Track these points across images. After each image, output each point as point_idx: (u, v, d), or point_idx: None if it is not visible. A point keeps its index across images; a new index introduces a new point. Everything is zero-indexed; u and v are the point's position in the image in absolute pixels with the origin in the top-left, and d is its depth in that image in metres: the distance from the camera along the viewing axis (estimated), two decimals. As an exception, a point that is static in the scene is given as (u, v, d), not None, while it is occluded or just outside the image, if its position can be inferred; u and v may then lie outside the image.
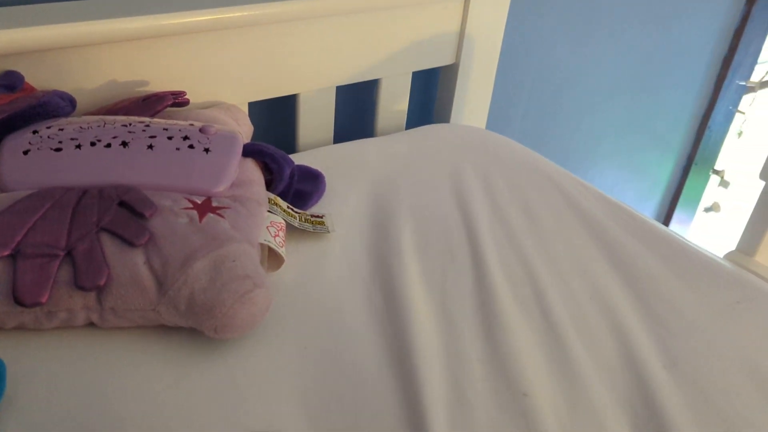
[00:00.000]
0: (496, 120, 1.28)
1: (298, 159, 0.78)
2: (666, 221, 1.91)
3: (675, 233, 0.79)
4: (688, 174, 1.81)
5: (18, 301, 0.49)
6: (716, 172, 1.85)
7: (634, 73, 1.47)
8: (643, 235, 0.77)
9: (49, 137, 0.60)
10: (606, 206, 0.83)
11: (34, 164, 0.58)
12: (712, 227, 2.03)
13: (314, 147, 0.94)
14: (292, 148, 0.96)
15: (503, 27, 1.03)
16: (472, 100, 1.07)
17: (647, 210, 1.83)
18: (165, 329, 0.55)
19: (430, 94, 1.13)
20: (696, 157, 1.78)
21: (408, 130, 1.01)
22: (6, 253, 0.50)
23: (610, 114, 1.50)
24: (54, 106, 0.64)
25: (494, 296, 0.64)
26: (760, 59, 1.69)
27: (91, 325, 0.54)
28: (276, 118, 0.97)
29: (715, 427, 0.53)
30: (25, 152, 0.59)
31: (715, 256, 0.75)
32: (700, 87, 1.66)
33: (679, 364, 0.58)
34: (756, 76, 1.73)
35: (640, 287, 0.68)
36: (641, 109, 1.56)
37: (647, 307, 0.65)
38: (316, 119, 0.93)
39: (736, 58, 1.62)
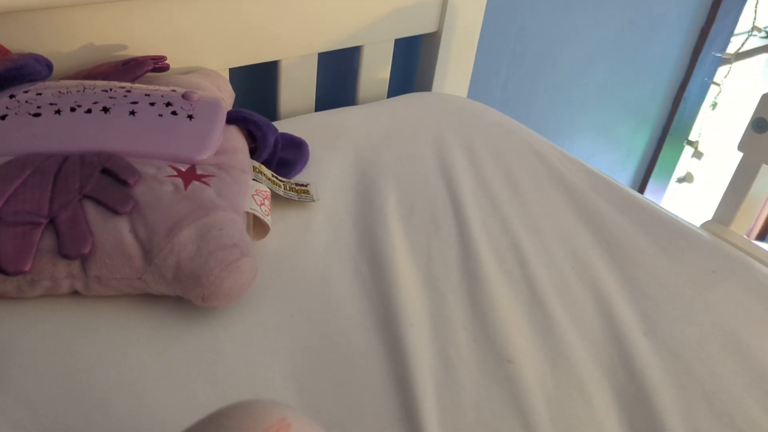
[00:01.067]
0: (477, 89, 1.28)
1: (279, 127, 0.77)
2: (640, 191, 1.93)
3: (653, 203, 0.80)
4: (663, 145, 1.83)
5: (0, 270, 0.48)
6: (690, 143, 1.88)
7: (612, 44, 1.48)
8: (622, 204, 0.78)
9: (26, 102, 0.59)
10: (586, 176, 0.84)
11: (12, 130, 0.57)
12: (683, 197, 2.07)
13: (295, 115, 0.93)
14: (273, 115, 0.94)
15: (486, -5, 1.02)
16: (454, 69, 1.07)
17: (622, 180, 1.86)
18: (151, 297, 0.55)
19: (412, 63, 1.12)
20: (671, 128, 1.80)
21: (390, 99, 1.00)
22: (-14, 220, 0.49)
23: (588, 85, 1.51)
24: (30, 70, 0.62)
25: (479, 265, 0.65)
26: (736, 30, 1.71)
27: (75, 293, 0.54)
28: (257, 85, 0.95)
29: (692, 392, 0.54)
30: (2, 117, 0.57)
31: (693, 225, 0.77)
32: (676, 58, 1.67)
33: (658, 331, 0.60)
34: (732, 48, 1.75)
35: (621, 255, 0.69)
36: (618, 80, 1.57)
37: (627, 275, 0.67)
38: (297, 87, 0.92)
39: (713, 29, 1.63)
